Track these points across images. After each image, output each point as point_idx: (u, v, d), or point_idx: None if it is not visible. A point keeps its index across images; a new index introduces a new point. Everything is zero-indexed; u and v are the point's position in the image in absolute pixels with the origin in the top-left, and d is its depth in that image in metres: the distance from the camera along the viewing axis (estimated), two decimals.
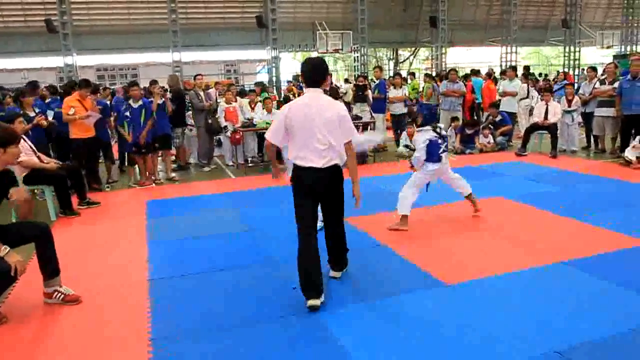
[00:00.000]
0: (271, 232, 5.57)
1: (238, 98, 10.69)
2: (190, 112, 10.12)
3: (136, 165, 8.69)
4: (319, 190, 3.80)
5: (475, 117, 12.24)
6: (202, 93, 9.77)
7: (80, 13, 21.14)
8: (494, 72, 14.71)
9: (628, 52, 26.68)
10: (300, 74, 4.05)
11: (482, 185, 7.37)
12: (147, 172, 8.50)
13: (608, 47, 28.10)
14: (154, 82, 8.91)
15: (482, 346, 3.12)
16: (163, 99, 8.63)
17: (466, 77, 14.07)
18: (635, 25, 29.49)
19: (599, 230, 5.22)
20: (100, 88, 10.35)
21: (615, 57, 25.20)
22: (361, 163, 9.49)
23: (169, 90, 9.60)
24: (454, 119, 11.13)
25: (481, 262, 4.48)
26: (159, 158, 9.17)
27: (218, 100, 10.40)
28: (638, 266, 4.26)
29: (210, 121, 9.60)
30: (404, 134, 10.64)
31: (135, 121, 8.17)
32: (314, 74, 3.73)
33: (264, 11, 22.62)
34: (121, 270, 4.69)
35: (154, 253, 5.06)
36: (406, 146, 10.34)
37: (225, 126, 9.77)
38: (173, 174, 9.00)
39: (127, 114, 8.19)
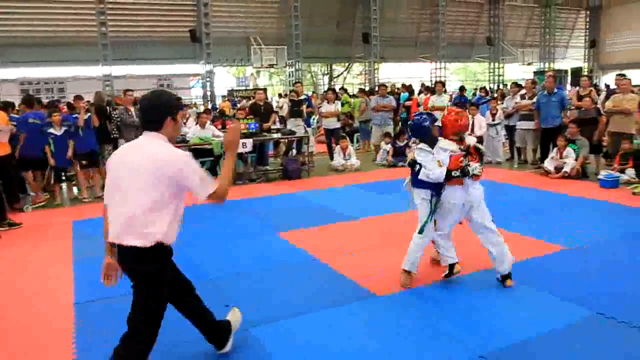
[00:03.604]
0: (203, 249, 5.49)
1: None
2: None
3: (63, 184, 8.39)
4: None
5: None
6: (132, 108, 9.53)
7: (2, 24, 20.15)
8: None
9: (546, 69, 28.42)
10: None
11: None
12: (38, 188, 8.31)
13: (529, 64, 29.83)
14: (78, 98, 8.62)
15: (411, 354, 3.21)
16: (89, 114, 8.38)
17: (411, 93, 14.60)
18: (552, 44, 31.53)
19: (521, 238, 5.49)
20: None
21: (535, 73, 26.78)
22: (296, 177, 9.57)
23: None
24: (387, 134, 11.45)
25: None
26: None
27: None
28: (555, 270, 4.53)
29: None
30: (338, 148, 10.81)
31: (61, 147, 8.04)
32: (144, 115, 2.76)
33: (197, 25, 22.42)
34: (45, 294, 4.48)
35: (80, 275, 4.86)
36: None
37: None
38: (102, 192, 8.69)
39: (52, 130, 7.96)
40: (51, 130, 7.99)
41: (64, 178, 8.55)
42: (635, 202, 6.91)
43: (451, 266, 4.37)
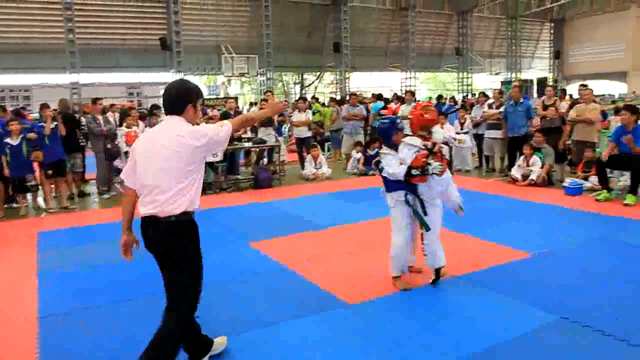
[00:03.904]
0: None
1: (140, 122, 10.40)
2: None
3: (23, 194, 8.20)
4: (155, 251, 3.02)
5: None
6: (100, 117, 9.39)
7: None
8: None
9: (513, 79, 29.12)
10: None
11: (381, 205, 7.65)
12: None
13: (496, 74, 30.52)
14: (45, 106, 8.45)
15: None
16: (56, 122, 8.21)
17: (387, 102, 14.73)
18: (518, 54, 32.35)
19: (490, 245, 5.60)
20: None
21: (502, 83, 27.40)
22: (267, 186, 9.54)
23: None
24: (358, 143, 11.53)
25: (383, 280, 4.62)
26: (52, 186, 8.64)
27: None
28: (523, 277, 4.62)
29: (109, 146, 9.23)
30: (309, 157, 10.83)
31: (17, 156, 7.84)
32: (168, 101, 2.99)
33: (167, 33, 22.26)
34: (8, 307, 4.35)
35: (45, 288, 4.74)
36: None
37: (127, 151, 9.46)
38: (68, 203, 8.51)
39: (8, 140, 7.80)
40: (7, 140, 7.78)
41: (27, 187, 8.30)
42: (598, 209, 7.11)
43: (437, 270, 4.44)
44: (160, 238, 2.92)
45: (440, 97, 17.79)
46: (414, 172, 4.18)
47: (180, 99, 2.95)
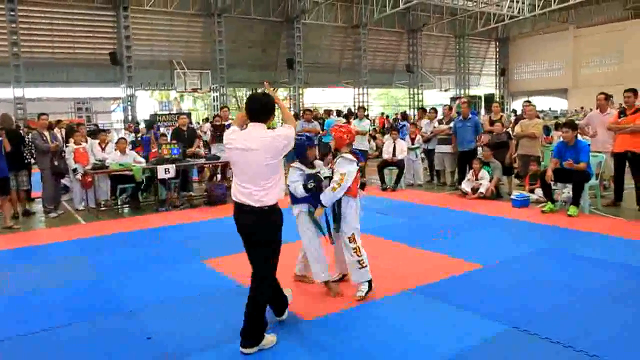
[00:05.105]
0: (124, 279, 5.28)
1: (88, 138, 10.14)
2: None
3: None
4: (245, 232, 3.64)
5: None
6: (46, 133, 9.08)
7: None
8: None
9: (462, 95, 30.08)
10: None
11: None
12: None
13: (445, 90, 31.42)
14: None
15: None
16: (0, 138, 7.89)
17: (347, 118, 14.87)
18: (467, 71, 33.44)
19: (441, 257, 5.70)
20: None
21: (452, 99, 28.21)
22: (221, 203, 9.44)
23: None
24: None
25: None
26: None
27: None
28: (474, 288, 4.73)
29: (56, 163, 8.93)
30: None
31: None
32: (257, 112, 3.59)
33: (118, 48, 21.85)
34: None
35: None
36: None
37: (75, 168, 9.19)
38: (12, 222, 8.17)
39: None
40: None
41: None
42: (544, 220, 7.37)
43: (369, 283, 4.53)
44: (253, 222, 3.54)
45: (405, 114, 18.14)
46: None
47: (269, 110, 3.64)
